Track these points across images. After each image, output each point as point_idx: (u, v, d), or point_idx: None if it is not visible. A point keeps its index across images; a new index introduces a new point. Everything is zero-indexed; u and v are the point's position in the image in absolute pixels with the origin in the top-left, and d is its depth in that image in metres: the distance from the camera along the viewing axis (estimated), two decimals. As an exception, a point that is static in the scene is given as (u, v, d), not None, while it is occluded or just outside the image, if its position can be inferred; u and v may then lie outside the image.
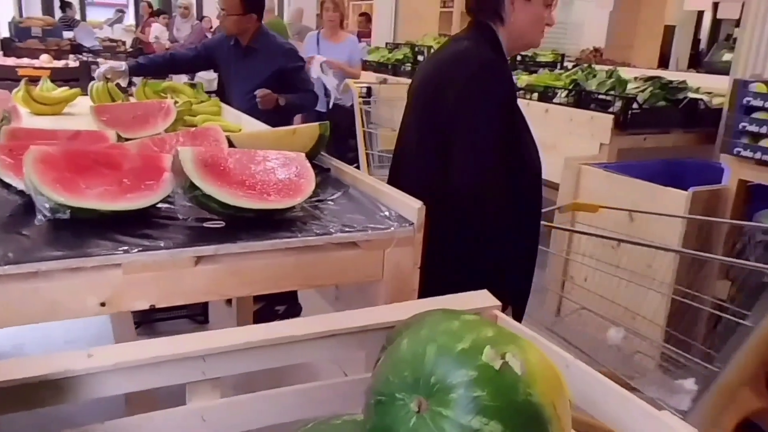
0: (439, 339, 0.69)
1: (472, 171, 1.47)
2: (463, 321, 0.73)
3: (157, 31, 6.91)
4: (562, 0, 9.94)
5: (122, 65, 2.75)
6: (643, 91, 3.10)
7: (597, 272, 2.60)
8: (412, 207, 1.26)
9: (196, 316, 2.86)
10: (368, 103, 4.74)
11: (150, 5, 10.37)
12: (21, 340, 2.64)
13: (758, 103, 2.38)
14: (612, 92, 3.17)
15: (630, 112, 2.97)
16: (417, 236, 1.26)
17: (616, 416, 0.80)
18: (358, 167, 4.46)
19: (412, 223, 1.26)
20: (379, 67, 5.46)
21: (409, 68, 5.06)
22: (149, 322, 2.73)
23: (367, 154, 4.40)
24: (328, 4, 4.62)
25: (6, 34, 4.90)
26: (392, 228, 1.23)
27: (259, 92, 2.67)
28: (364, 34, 9.10)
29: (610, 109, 3.06)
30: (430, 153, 1.56)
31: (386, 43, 6.51)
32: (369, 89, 4.92)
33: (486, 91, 1.48)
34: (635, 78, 3.38)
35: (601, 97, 3.16)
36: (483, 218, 1.49)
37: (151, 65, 2.92)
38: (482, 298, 1.20)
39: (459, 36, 1.66)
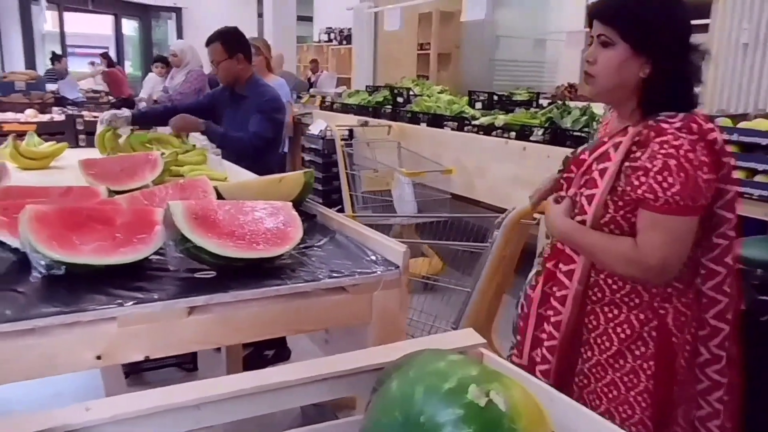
0: (426, 379, 0.72)
1: None
2: (448, 361, 0.76)
3: (150, 82, 6.78)
4: (536, 40, 10.26)
5: (126, 112, 2.82)
6: (616, 127, 3.20)
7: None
8: (397, 251, 1.30)
9: (185, 364, 2.85)
10: (350, 145, 4.82)
11: (105, 56, 10.37)
12: (7, 395, 2.61)
13: (724, 137, 2.47)
14: (586, 129, 3.27)
15: (605, 148, 3.05)
16: (402, 278, 1.30)
17: (598, 447, 0.83)
18: (341, 209, 4.52)
19: (398, 266, 1.30)
20: (359, 110, 5.56)
21: (389, 110, 5.17)
22: (138, 371, 2.71)
23: (351, 196, 4.46)
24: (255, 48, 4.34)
25: (-11, 88, 4.94)
26: (379, 272, 1.27)
27: (176, 117, 2.75)
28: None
29: (585, 146, 3.15)
30: None
31: (366, 86, 6.65)
32: (351, 131, 5.01)
33: None
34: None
35: (576, 134, 3.25)
36: None
37: (154, 114, 2.99)
38: (467, 337, 1.24)
39: None
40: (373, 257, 1.35)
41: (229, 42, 2.88)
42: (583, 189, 1.35)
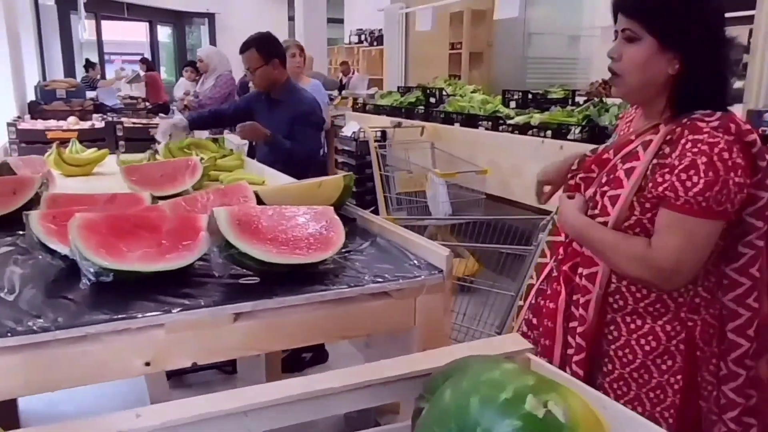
0: (481, 390, 0.71)
1: None
2: (503, 370, 0.75)
3: (182, 86, 6.94)
4: (569, 37, 10.11)
5: (183, 120, 2.87)
6: (656, 124, 3.12)
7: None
8: (440, 254, 1.29)
9: (225, 366, 2.88)
10: (383, 146, 4.81)
11: (144, 60, 10.65)
12: (54, 396, 2.66)
13: (770, 135, 2.40)
14: (626, 127, 3.20)
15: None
16: (446, 283, 1.29)
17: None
18: (375, 211, 4.52)
19: (442, 270, 1.28)
20: (392, 111, 5.55)
21: (422, 111, 5.14)
22: (179, 373, 2.75)
23: (385, 197, 4.46)
24: (293, 49, 4.05)
25: (32, 97, 5.07)
26: (423, 276, 1.26)
27: (244, 123, 2.77)
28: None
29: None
30: None
31: (398, 87, 6.64)
32: (384, 133, 5.01)
33: None
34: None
35: (616, 132, 3.19)
36: None
37: (201, 120, 3.04)
38: (514, 342, 1.21)
39: None
40: (416, 261, 1.33)
41: (265, 48, 2.89)
42: (606, 188, 1.27)
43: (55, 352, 0.99)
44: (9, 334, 0.96)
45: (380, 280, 1.23)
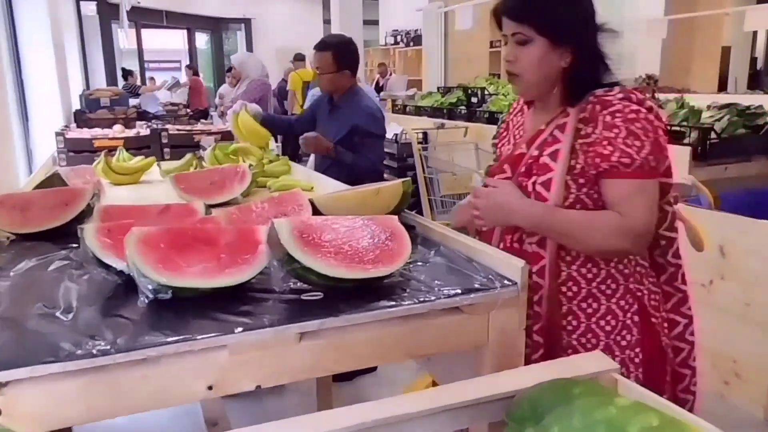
0: (598, 431, 0.62)
1: None
2: (619, 408, 0.66)
3: (224, 92, 7.03)
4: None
5: (257, 107, 2.85)
6: (719, 119, 2.97)
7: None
8: (514, 266, 1.19)
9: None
10: (425, 148, 4.73)
11: (190, 66, 10.83)
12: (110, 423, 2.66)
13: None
14: (685, 123, 3.05)
15: (708, 142, 2.84)
16: (521, 296, 1.20)
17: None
18: (419, 213, 4.43)
19: (516, 283, 1.19)
20: (433, 112, 5.46)
21: (464, 111, 5.04)
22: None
23: (429, 200, 4.37)
24: None
25: (77, 106, 5.14)
26: (497, 289, 1.17)
27: (307, 135, 2.71)
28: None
29: (685, 141, 2.94)
30: None
31: (438, 88, 6.54)
32: (425, 134, 4.92)
33: None
34: (708, 106, 3.26)
35: (674, 128, 3.04)
36: None
37: (271, 121, 2.96)
38: (598, 361, 1.12)
39: None
40: (485, 272, 1.24)
41: (341, 56, 2.79)
42: (534, 177, 1.34)
43: (115, 377, 0.93)
44: (68, 359, 0.91)
45: (451, 294, 1.15)
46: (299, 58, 8.18)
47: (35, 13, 4.01)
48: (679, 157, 2.91)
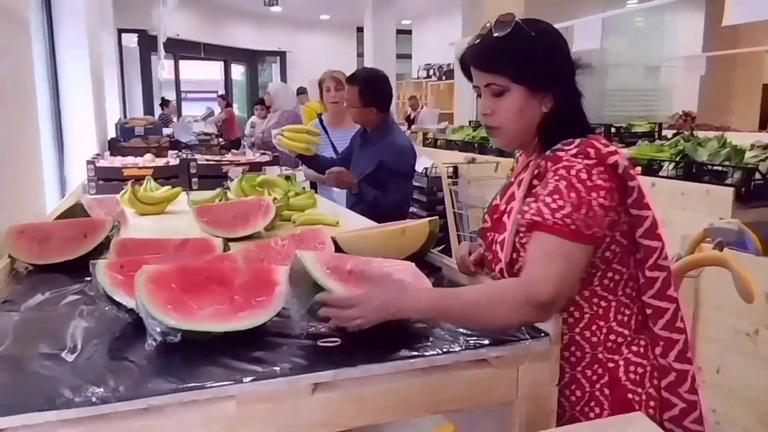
0: None
1: None
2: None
3: (255, 120, 7.13)
4: (647, 68, 9.72)
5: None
6: (764, 159, 2.84)
7: (734, 365, 2.30)
8: (546, 316, 1.11)
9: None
10: (455, 183, 4.65)
11: (223, 97, 11.02)
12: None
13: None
14: (727, 162, 2.93)
15: (753, 183, 2.71)
16: (554, 349, 1.11)
17: None
18: (447, 249, 4.33)
19: (548, 334, 1.11)
20: (464, 146, 5.41)
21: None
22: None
23: (458, 236, 4.28)
24: (328, 83, 3.43)
25: (113, 134, 5.23)
26: (527, 341, 1.09)
27: (332, 169, 2.65)
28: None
29: (728, 181, 2.82)
30: None
31: (469, 121, 6.50)
32: (456, 169, 4.86)
33: None
34: (752, 145, 3.13)
35: (715, 168, 2.92)
36: None
37: (316, 160, 2.93)
38: (640, 425, 1.02)
39: None
40: (515, 321, 1.16)
41: (368, 92, 2.71)
42: (495, 234, 1.24)
43: (115, 426, 0.87)
44: (66, 406, 0.85)
45: (478, 345, 1.07)
46: (302, 91, 8.14)
47: (75, 44, 4.10)
48: (721, 198, 2.78)
